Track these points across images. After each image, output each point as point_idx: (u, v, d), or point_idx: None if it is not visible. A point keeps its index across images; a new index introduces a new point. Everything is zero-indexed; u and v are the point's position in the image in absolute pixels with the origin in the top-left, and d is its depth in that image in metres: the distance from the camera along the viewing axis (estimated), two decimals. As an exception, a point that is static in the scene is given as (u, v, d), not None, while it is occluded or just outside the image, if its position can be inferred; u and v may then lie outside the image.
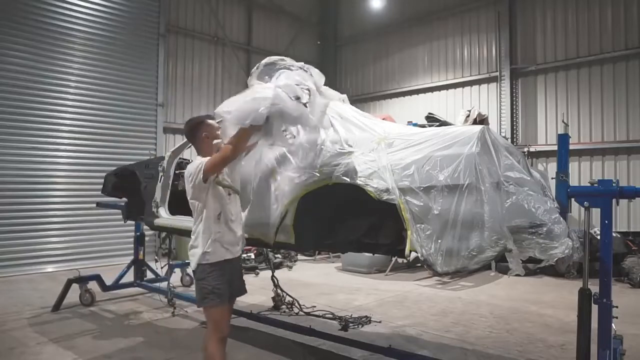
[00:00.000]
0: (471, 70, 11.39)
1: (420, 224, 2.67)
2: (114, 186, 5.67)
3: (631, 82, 9.12)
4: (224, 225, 3.07)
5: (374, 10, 13.06)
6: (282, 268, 8.64)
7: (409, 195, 2.72)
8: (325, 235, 3.44)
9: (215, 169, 2.95)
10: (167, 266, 6.07)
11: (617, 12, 9.27)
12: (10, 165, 8.15)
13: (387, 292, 6.94)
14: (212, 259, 3.01)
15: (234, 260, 3.17)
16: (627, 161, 9.16)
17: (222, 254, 3.06)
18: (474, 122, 9.45)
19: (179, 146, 4.93)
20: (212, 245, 3.01)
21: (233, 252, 3.14)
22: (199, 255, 3.01)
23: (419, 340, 4.75)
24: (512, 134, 10.52)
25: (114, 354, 4.31)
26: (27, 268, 8.16)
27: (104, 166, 8.22)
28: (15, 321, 5.30)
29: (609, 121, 9.35)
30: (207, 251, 3.00)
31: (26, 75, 8.34)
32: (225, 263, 3.07)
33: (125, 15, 9.65)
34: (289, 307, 5.51)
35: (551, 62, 10.11)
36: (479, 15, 11.25)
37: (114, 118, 9.43)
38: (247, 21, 12.59)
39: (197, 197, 3.05)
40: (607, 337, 2.97)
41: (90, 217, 8.91)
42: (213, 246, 3.02)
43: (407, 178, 2.76)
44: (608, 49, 9.34)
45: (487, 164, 2.66)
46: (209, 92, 11.59)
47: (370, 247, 3.34)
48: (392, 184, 2.76)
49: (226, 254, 3.08)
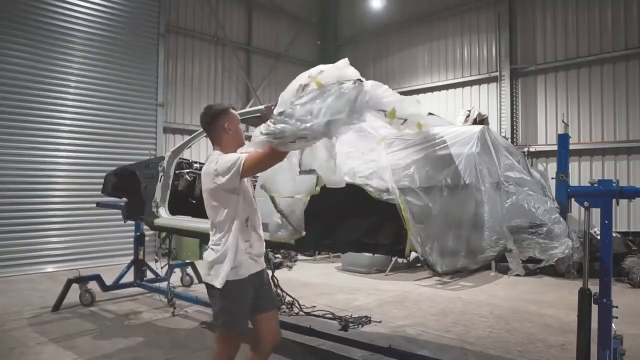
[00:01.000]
0: (471, 70, 11.39)
1: (421, 223, 2.66)
2: (114, 186, 5.67)
3: (631, 82, 9.12)
4: (253, 233, 2.75)
5: (374, 10, 13.06)
6: (282, 268, 8.64)
7: (409, 195, 2.72)
8: (325, 235, 3.44)
9: (257, 169, 2.60)
10: (167, 266, 6.07)
11: (617, 12, 9.26)
12: (10, 165, 8.15)
13: (387, 292, 6.94)
14: (243, 273, 2.66)
15: (262, 272, 2.86)
16: (627, 161, 9.16)
17: (252, 266, 2.73)
18: (474, 122, 9.45)
19: (179, 146, 4.93)
20: (242, 258, 2.66)
21: (261, 264, 2.83)
22: (227, 271, 2.60)
23: (419, 340, 4.75)
24: (512, 134, 10.52)
25: (114, 354, 4.31)
26: (27, 268, 8.17)
27: (104, 166, 8.22)
28: (15, 321, 5.30)
29: (609, 121, 9.35)
30: (237, 266, 2.63)
31: (26, 75, 8.34)
32: (254, 277, 2.74)
33: (125, 15, 9.65)
34: (289, 307, 5.51)
35: (551, 62, 10.10)
36: (479, 15, 11.25)
37: (114, 118, 9.43)
38: (247, 21, 12.59)
39: (224, 200, 2.64)
40: (607, 337, 2.97)
41: (90, 217, 8.91)
42: (242, 259, 2.66)
43: (407, 178, 2.76)
44: (608, 49, 9.34)
45: (487, 164, 2.66)
46: (209, 92, 11.59)
47: (370, 247, 3.34)
48: (392, 184, 2.76)
49: (255, 266, 2.76)
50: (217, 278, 2.61)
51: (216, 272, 2.62)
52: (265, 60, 12.92)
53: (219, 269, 2.61)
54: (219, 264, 2.62)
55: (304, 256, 9.88)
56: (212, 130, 2.81)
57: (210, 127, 2.81)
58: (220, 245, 2.65)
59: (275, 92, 13.02)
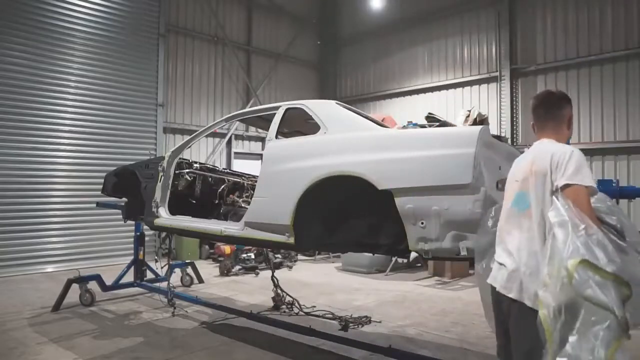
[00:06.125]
0: (471, 70, 11.39)
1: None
2: (114, 186, 5.67)
3: (631, 82, 9.12)
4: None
5: (374, 10, 13.06)
6: (282, 268, 8.64)
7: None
8: (326, 235, 3.45)
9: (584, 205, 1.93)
10: (167, 266, 6.07)
11: (617, 12, 9.26)
12: (10, 165, 8.15)
13: (387, 292, 6.94)
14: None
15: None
16: (627, 161, 9.16)
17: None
18: (474, 122, 9.46)
19: (179, 146, 4.92)
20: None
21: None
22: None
23: (419, 340, 4.75)
24: (512, 134, 10.52)
25: (114, 354, 4.31)
26: (27, 268, 8.16)
27: (104, 166, 8.21)
28: (15, 321, 5.30)
29: (609, 121, 9.35)
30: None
31: (26, 75, 8.34)
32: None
33: (125, 15, 9.65)
34: (289, 307, 5.52)
35: (551, 62, 10.11)
36: (479, 15, 11.25)
37: (114, 118, 9.43)
38: (247, 21, 12.59)
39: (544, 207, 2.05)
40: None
41: (90, 217, 8.91)
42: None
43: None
44: (608, 49, 9.34)
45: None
46: (209, 92, 11.60)
47: (370, 247, 3.35)
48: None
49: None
50: (545, 320, 1.85)
51: (543, 300, 1.88)
52: (265, 60, 12.92)
53: (546, 299, 1.87)
54: (546, 288, 1.89)
55: (304, 256, 9.88)
56: (553, 116, 2.32)
57: (554, 112, 2.32)
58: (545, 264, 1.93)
59: (275, 92, 13.04)
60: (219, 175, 5.51)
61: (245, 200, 5.31)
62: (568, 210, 1.86)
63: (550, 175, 2.04)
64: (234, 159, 11.92)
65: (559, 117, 2.31)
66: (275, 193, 3.59)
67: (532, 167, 2.14)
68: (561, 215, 1.86)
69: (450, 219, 2.71)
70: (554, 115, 2.32)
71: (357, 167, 3.09)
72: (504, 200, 2.31)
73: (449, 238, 2.74)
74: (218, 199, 5.36)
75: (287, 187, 3.46)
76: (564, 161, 2.01)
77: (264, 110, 4.44)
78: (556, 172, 2.03)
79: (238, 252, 8.50)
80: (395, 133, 3.65)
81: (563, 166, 2.01)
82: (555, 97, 2.36)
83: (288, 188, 3.44)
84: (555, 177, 2.02)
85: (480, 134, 2.75)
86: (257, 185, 3.88)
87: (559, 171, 2.02)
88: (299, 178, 3.37)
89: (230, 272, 8.17)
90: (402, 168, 2.91)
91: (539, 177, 2.09)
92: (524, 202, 2.13)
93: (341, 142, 3.37)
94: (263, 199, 3.72)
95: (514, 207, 2.19)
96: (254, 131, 12.26)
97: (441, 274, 7.92)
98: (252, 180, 5.54)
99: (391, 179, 2.91)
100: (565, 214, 1.85)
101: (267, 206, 3.65)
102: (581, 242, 1.77)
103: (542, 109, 2.36)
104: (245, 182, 5.62)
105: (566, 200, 1.92)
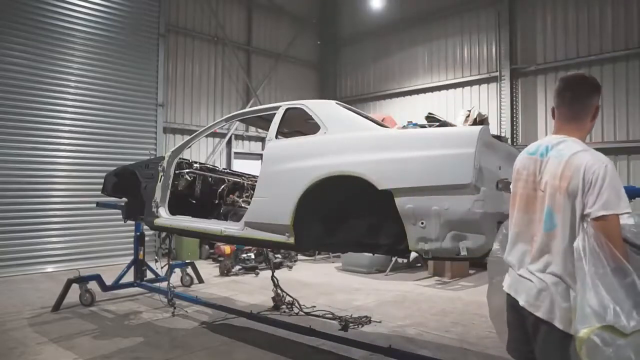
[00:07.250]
0: (471, 70, 11.39)
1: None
2: (114, 186, 5.67)
3: (631, 82, 9.12)
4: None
5: (374, 10, 13.06)
6: (282, 268, 8.64)
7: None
8: (325, 235, 3.45)
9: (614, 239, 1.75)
10: (167, 266, 6.07)
11: (617, 12, 9.26)
12: (10, 165, 8.15)
13: (387, 292, 6.94)
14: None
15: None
16: (627, 161, 9.16)
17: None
18: (474, 122, 9.45)
19: (179, 146, 4.92)
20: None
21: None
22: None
23: (419, 340, 4.75)
24: (512, 134, 10.52)
25: (114, 354, 4.31)
26: (27, 268, 8.16)
27: (104, 166, 8.21)
28: (15, 321, 5.30)
29: (609, 121, 9.35)
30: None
31: (26, 75, 8.34)
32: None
33: (125, 15, 9.65)
34: (289, 307, 5.52)
35: (551, 62, 10.11)
36: (479, 15, 11.25)
37: (114, 118, 9.43)
38: (247, 21, 12.59)
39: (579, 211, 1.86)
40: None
41: (90, 217, 8.90)
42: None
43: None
44: (608, 49, 9.34)
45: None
46: (209, 92, 11.60)
47: (370, 247, 3.35)
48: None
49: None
50: (584, 347, 1.68)
51: (582, 318, 1.72)
52: (265, 60, 12.92)
53: (586, 317, 1.70)
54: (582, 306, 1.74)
55: (304, 256, 9.88)
56: (581, 105, 2.09)
57: (582, 100, 2.09)
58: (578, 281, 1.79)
59: (275, 92, 13.03)
60: (219, 175, 5.51)
61: (245, 200, 5.30)
62: (601, 248, 1.71)
63: (582, 197, 1.81)
64: (234, 159, 11.93)
65: (587, 107, 2.08)
66: (275, 193, 3.60)
67: (560, 182, 1.88)
68: (591, 254, 1.71)
69: (450, 219, 2.72)
70: (581, 102, 2.09)
71: (357, 167, 3.10)
72: (511, 200, 2.16)
73: (449, 238, 2.75)
74: (218, 199, 5.36)
75: (287, 187, 3.46)
76: (598, 183, 1.78)
77: (264, 110, 4.44)
78: (588, 195, 1.79)
79: (238, 252, 8.50)
80: (395, 133, 3.65)
81: (597, 189, 1.77)
82: (587, 83, 2.13)
83: (288, 188, 3.44)
84: (587, 200, 1.79)
85: (480, 134, 2.75)
86: (257, 185, 3.88)
87: (591, 195, 1.78)
88: (299, 178, 3.37)
89: (230, 272, 8.17)
90: (402, 168, 2.91)
91: (569, 198, 1.86)
92: (551, 221, 1.92)
93: (341, 142, 3.37)
94: (263, 199, 3.72)
95: (539, 224, 1.99)
96: (254, 131, 12.26)
97: (441, 274, 7.92)
98: (252, 180, 5.54)
99: (391, 179, 2.92)
100: (594, 255, 1.71)
101: (267, 206, 3.65)
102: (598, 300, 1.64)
103: (569, 92, 2.11)
104: (245, 182, 5.61)
105: (598, 236, 1.73)
